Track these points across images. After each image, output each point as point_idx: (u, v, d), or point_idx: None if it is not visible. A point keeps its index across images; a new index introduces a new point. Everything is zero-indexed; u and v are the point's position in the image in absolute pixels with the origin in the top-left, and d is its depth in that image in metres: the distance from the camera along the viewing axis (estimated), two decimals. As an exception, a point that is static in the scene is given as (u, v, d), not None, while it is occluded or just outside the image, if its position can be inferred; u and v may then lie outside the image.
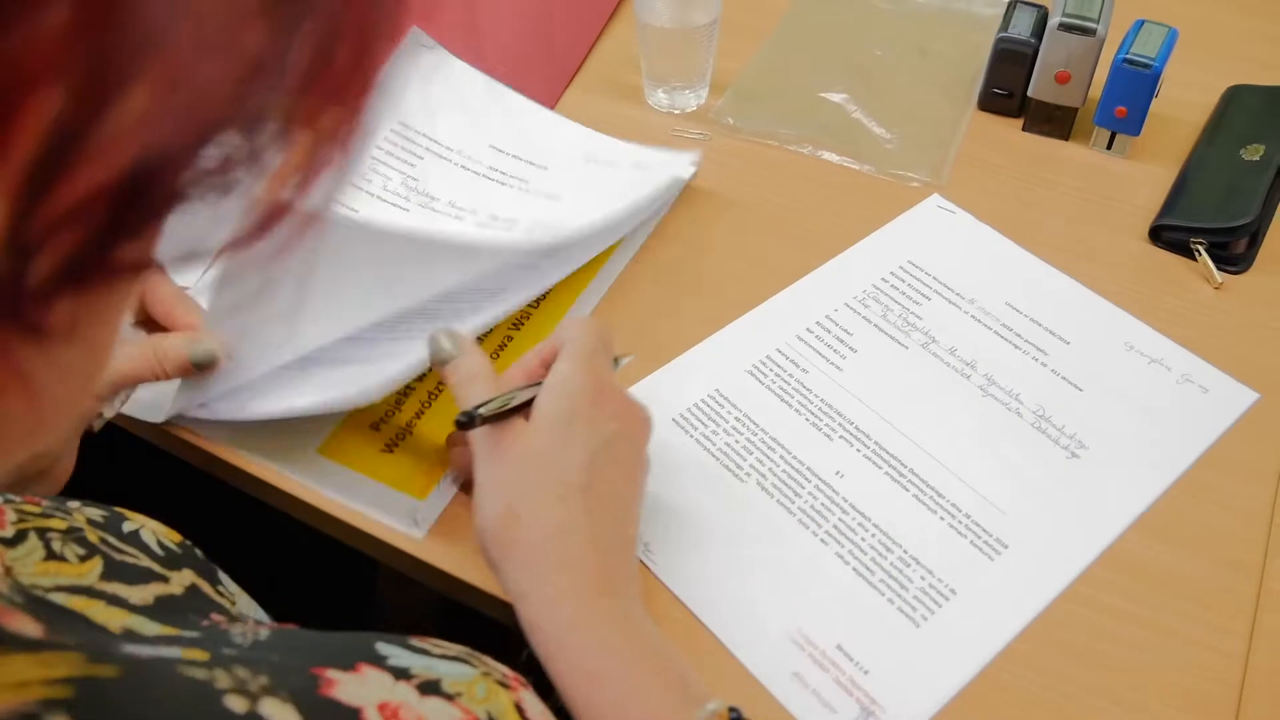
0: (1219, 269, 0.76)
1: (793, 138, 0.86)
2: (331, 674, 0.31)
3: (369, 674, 0.32)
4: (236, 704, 0.26)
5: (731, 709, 0.48)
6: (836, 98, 0.89)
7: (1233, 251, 0.77)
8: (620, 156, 0.81)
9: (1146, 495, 0.65)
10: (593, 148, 0.82)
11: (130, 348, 0.58)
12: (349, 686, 0.30)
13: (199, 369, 0.59)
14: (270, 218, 0.22)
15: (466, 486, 0.64)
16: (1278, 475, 0.66)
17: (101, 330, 0.24)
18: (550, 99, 0.90)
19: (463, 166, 0.72)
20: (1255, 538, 0.63)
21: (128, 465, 0.72)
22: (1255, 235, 0.78)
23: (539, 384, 0.57)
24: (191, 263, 0.22)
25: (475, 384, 0.56)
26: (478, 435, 0.55)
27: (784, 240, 0.79)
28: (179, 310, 0.61)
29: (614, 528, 0.54)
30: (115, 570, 0.41)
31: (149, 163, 0.19)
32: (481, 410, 0.54)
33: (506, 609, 0.55)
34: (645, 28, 0.85)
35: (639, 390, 0.70)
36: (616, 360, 0.62)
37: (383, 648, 0.36)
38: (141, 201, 0.19)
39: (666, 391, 0.70)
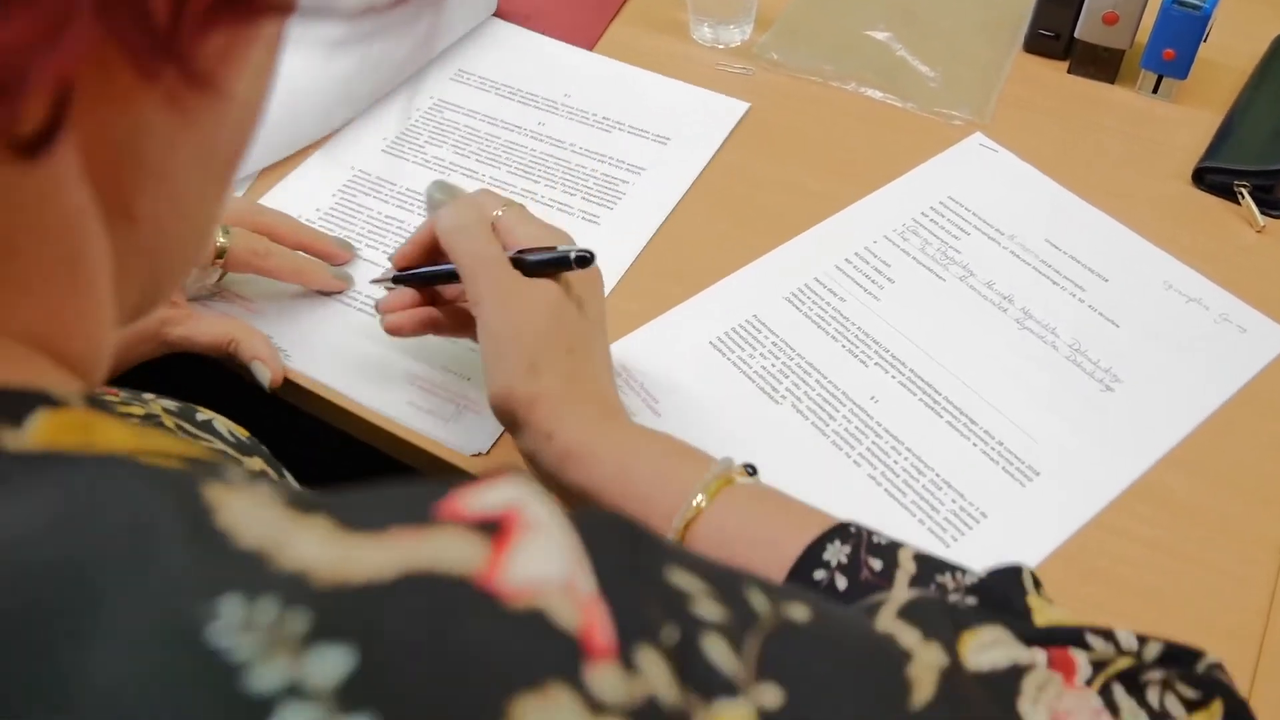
0: (1262, 213, 0.76)
1: (836, 74, 0.86)
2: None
3: None
4: None
5: (746, 464, 0.54)
6: (881, 35, 0.89)
7: (1276, 195, 0.77)
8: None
9: (1179, 430, 0.65)
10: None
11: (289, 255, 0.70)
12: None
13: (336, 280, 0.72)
14: None
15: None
16: (1312, 414, 0.66)
17: (244, 90, 0.27)
18: (592, 36, 0.91)
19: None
20: (1287, 474, 0.64)
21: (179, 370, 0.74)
22: (1299, 180, 0.77)
23: (545, 254, 0.58)
24: (327, 16, 0.24)
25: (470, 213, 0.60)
26: (502, 282, 0.57)
27: (825, 174, 0.80)
28: (319, 242, 0.72)
29: (605, 367, 0.60)
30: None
31: None
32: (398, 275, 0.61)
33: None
34: (692, -40, 0.85)
35: (679, 313, 0.71)
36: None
37: None
38: None
39: (705, 315, 0.71)
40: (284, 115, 0.78)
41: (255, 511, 0.21)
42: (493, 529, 0.22)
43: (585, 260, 0.57)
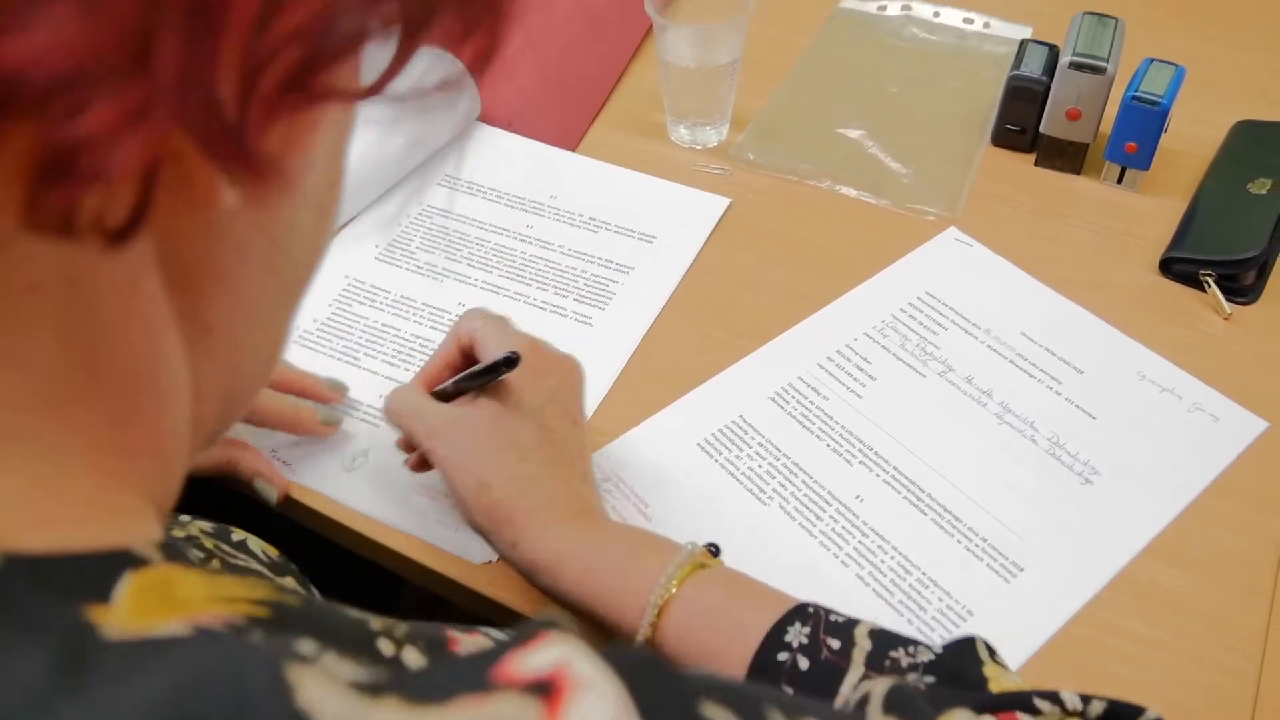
0: (1228, 300, 0.78)
1: (812, 172, 0.89)
2: (452, 633, 0.33)
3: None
4: (386, 647, 0.29)
5: (709, 544, 0.56)
6: (854, 133, 0.92)
7: (1241, 283, 0.79)
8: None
9: (1158, 521, 0.66)
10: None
11: (277, 399, 0.69)
12: (469, 644, 0.33)
13: (326, 426, 0.70)
14: (442, 74, 0.26)
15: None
16: (1287, 501, 0.68)
17: (309, 179, 0.29)
18: (574, 137, 0.93)
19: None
20: (1265, 561, 0.65)
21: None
22: (1263, 267, 0.80)
23: (473, 369, 0.61)
24: (380, 98, 0.26)
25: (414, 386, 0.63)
26: (429, 426, 0.60)
27: (805, 272, 0.82)
28: (307, 382, 0.71)
29: (572, 467, 0.60)
30: (234, 571, 0.44)
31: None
32: (454, 382, 0.61)
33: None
34: (668, 67, 0.88)
35: (666, 415, 0.72)
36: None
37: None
38: (339, 30, 0.23)
39: (692, 417, 0.72)
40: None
41: (330, 692, 0.22)
42: (545, 689, 0.23)
43: (511, 361, 0.58)
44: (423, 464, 0.65)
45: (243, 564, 0.46)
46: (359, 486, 0.69)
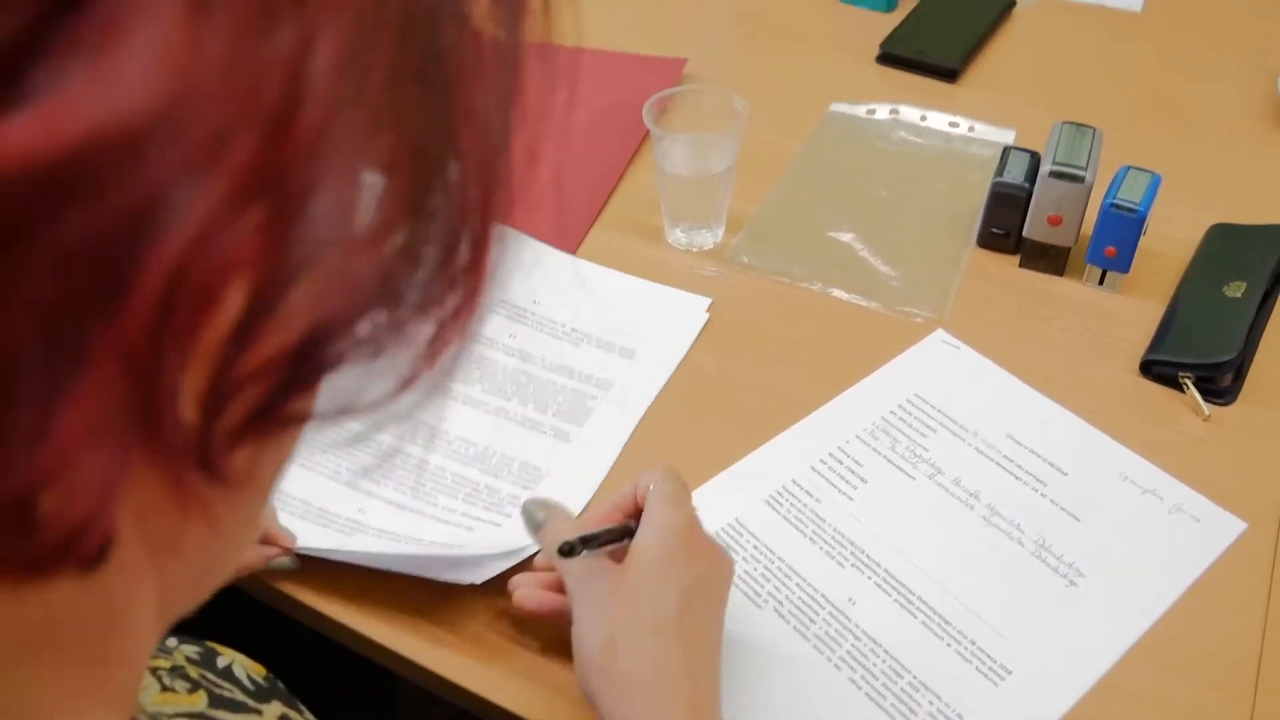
0: (1206, 401, 0.81)
1: (803, 275, 0.92)
2: None
3: None
4: None
5: None
6: (844, 236, 0.95)
7: (1219, 385, 0.82)
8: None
9: (1142, 623, 0.69)
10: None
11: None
12: None
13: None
14: (404, 384, 0.27)
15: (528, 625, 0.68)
16: (1266, 602, 0.70)
17: (270, 475, 0.29)
18: (574, 240, 0.97)
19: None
20: (1246, 662, 0.67)
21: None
22: (1240, 369, 0.83)
23: (627, 523, 0.62)
24: (346, 417, 0.27)
25: (568, 529, 0.62)
26: (576, 573, 0.61)
27: (798, 374, 0.85)
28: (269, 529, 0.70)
29: (704, 659, 0.59)
30: (218, 702, 0.46)
31: (316, 333, 0.24)
32: (583, 540, 0.60)
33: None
34: (665, 174, 0.92)
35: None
36: None
37: None
38: (310, 362, 0.24)
39: (688, 521, 0.74)
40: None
41: None
42: None
43: (630, 531, 0.61)
44: (543, 607, 0.65)
45: (228, 694, 0.48)
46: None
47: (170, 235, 0.19)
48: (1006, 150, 0.94)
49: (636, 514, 0.64)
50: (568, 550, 0.59)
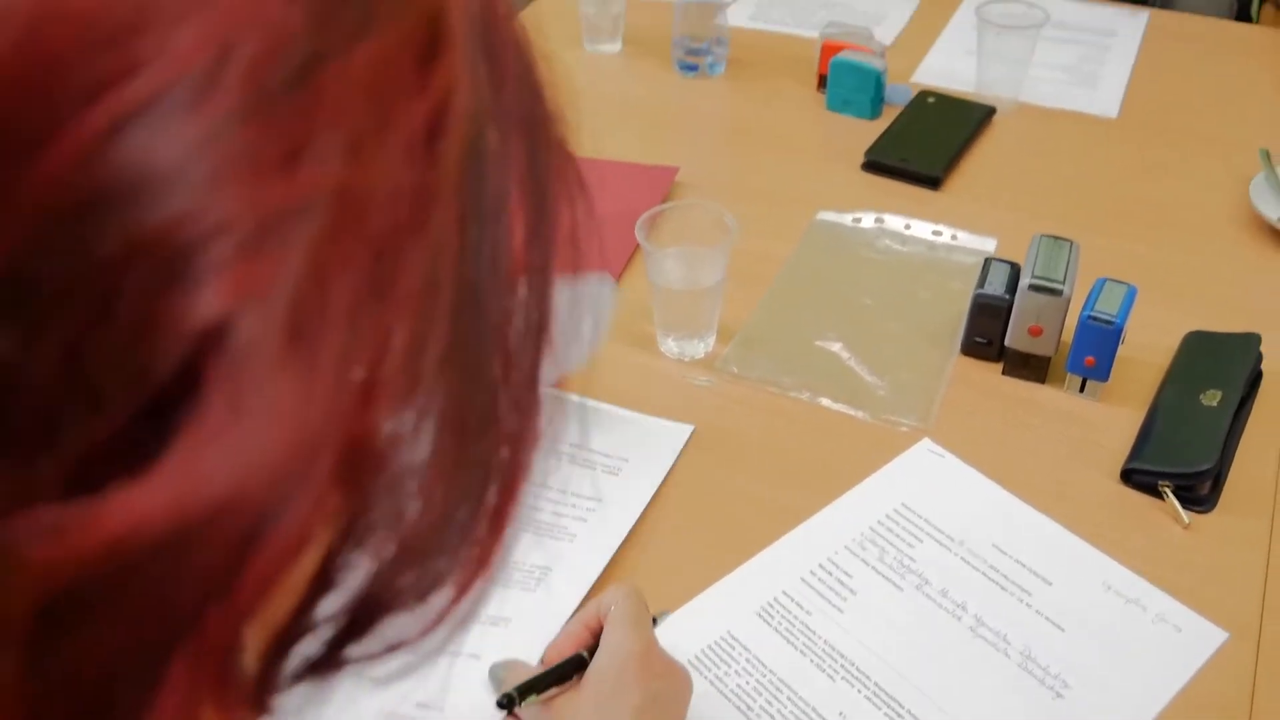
0: (1186, 509, 0.83)
1: (792, 384, 0.94)
2: None
3: None
4: None
5: None
6: (831, 345, 0.98)
7: (1198, 493, 0.84)
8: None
9: (1127, 734, 0.70)
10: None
11: None
12: None
13: None
14: (435, 622, 0.29)
15: None
16: (1249, 713, 0.71)
17: (316, 707, 0.31)
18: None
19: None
20: (1230, 775, 0.68)
21: None
22: (1217, 478, 0.85)
23: (579, 654, 0.64)
24: (389, 655, 0.29)
25: (518, 674, 0.65)
26: (531, 711, 0.62)
27: (787, 483, 0.87)
28: None
29: None
30: None
31: (372, 590, 0.26)
32: (523, 688, 0.61)
33: None
34: (657, 288, 0.94)
35: (657, 632, 0.76)
36: (655, 619, 0.69)
37: None
38: (365, 615, 0.26)
39: (682, 633, 0.76)
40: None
41: None
42: None
43: (582, 664, 0.63)
44: None
45: None
46: None
47: (263, 554, 0.21)
48: (988, 261, 0.97)
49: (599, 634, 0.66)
50: (504, 703, 0.61)
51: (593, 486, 0.86)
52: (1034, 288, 0.90)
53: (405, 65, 0.24)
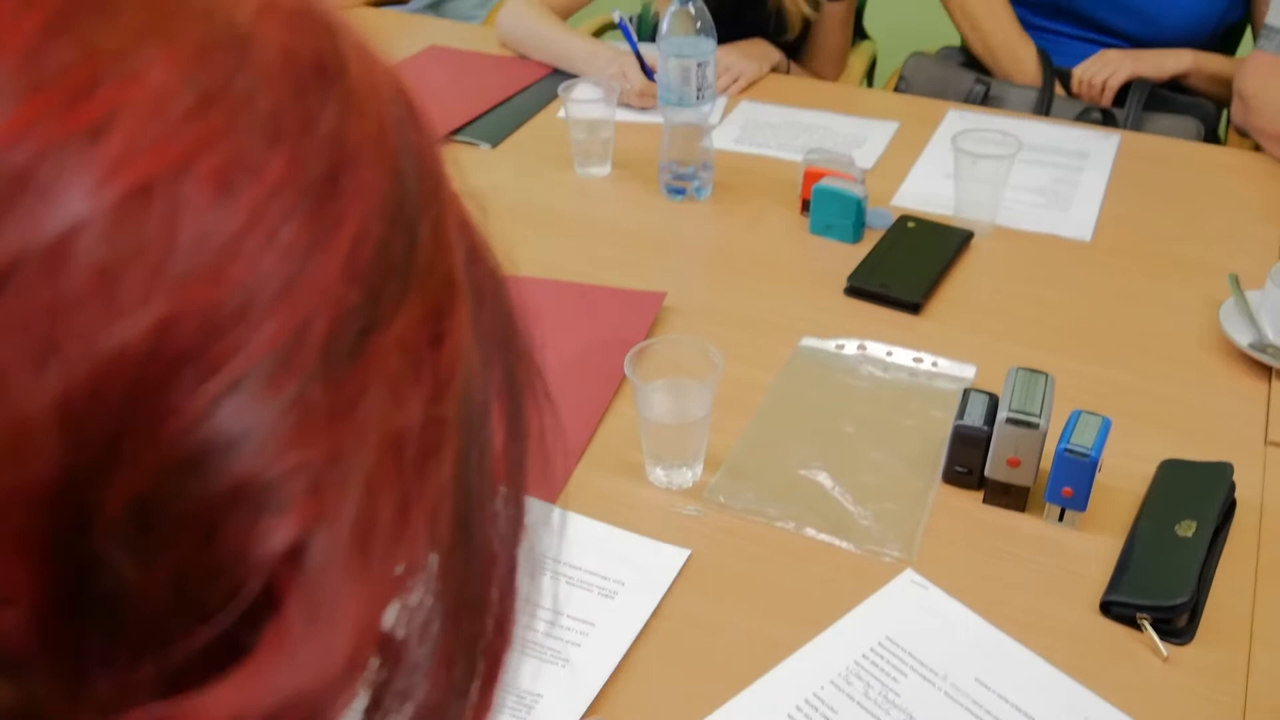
0: (1164, 641, 0.85)
1: (778, 515, 0.97)
2: None
3: None
4: None
5: None
6: (816, 475, 1.00)
7: (1176, 625, 0.86)
8: None
9: None
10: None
11: None
12: None
13: None
14: None
15: None
16: None
17: None
18: (560, 480, 1.01)
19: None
20: None
21: None
22: (1195, 610, 0.87)
23: None
24: None
25: None
26: None
27: (773, 615, 0.88)
28: None
29: None
30: None
31: None
32: None
33: None
34: (645, 420, 0.97)
35: (646, 773, 0.77)
36: None
37: None
38: None
39: (671, 773, 0.77)
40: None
41: None
42: None
43: None
44: None
45: None
46: None
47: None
48: (967, 392, 1.00)
49: None
50: None
51: (586, 610, 0.88)
52: (1011, 421, 0.93)
53: (430, 321, 0.29)
